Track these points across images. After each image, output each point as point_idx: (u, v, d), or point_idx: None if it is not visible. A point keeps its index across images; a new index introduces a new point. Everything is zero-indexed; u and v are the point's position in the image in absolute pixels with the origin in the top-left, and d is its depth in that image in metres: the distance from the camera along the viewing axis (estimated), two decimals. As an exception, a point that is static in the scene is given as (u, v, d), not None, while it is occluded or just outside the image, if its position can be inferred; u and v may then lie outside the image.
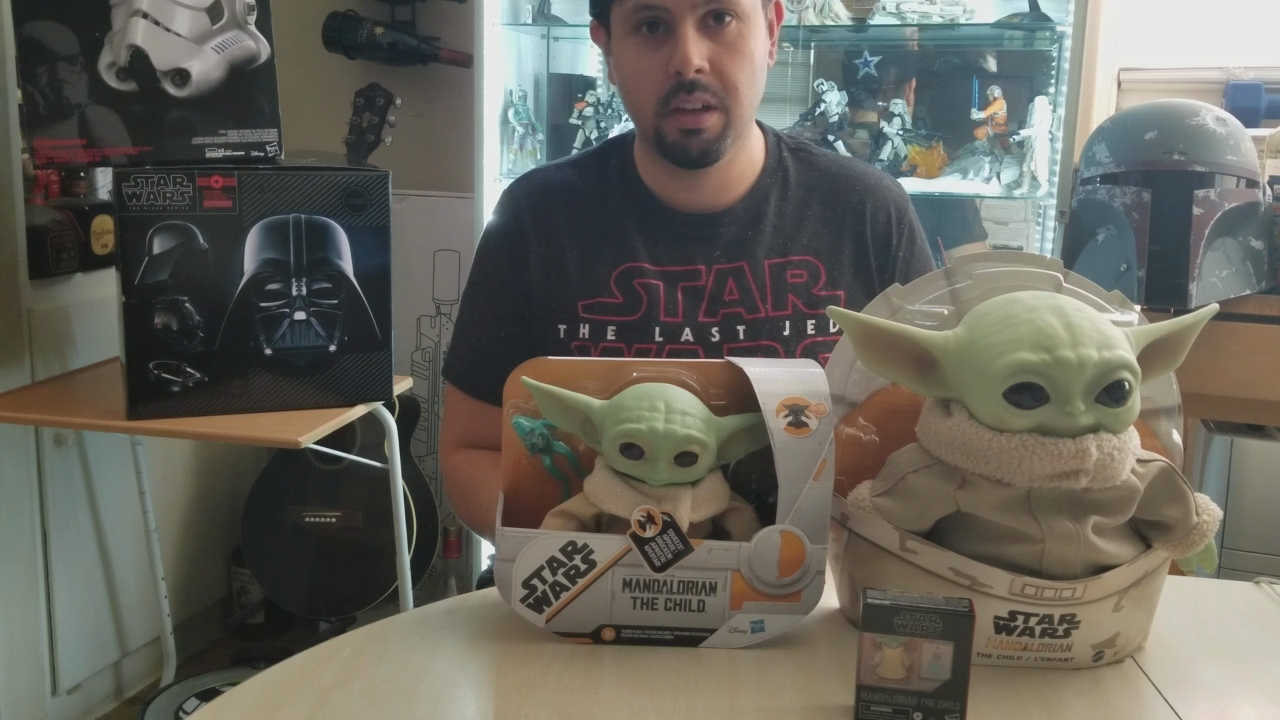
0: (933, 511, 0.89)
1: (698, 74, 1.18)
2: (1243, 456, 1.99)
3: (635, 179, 1.32)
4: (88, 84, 1.69)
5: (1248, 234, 1.87)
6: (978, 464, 0.84)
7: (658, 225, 1.30)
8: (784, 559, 0.89)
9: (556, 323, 1.28)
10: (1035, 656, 0.89)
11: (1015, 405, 0.82)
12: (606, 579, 0.90)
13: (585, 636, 0.92)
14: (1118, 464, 0.83)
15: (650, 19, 1.19)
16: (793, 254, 1.29)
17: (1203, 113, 1.87)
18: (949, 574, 0.87)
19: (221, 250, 1.73)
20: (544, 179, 1.36)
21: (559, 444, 0.96)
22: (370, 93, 2.43)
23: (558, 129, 2.67)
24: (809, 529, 0.88)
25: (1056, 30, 2.21)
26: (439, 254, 2.80)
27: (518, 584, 0.90)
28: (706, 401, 0.92)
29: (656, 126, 1.23)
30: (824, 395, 0.89)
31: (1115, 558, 0.87)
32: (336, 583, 2.53)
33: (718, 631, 0.91)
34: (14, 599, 2.15)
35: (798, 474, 0.87)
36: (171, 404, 1.76)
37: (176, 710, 2.30)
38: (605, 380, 0.94)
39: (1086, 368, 0.81)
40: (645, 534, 0.88)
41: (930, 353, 0.87)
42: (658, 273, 1.28)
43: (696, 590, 0.90)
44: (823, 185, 1.32)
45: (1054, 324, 0.82)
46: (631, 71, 1.23)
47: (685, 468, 0.89)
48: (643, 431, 0.87)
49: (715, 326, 1.26)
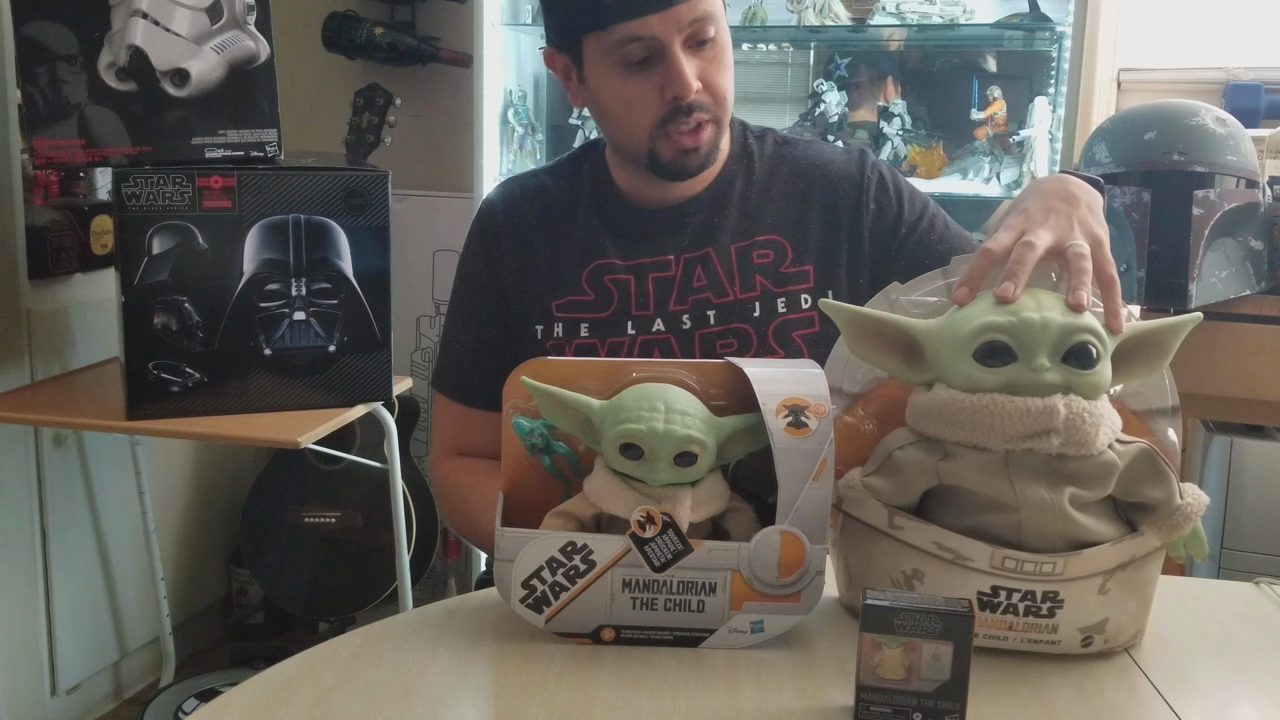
0: (917, 485, 0.91)
1: (691, 97, 1.18)
2: (1243, 456, 1.99)
3: (607, 181, 1.33)
4: (87, 84, 1.69)
5: (1247, 234, 1.87)
6: (954, 429, 0.88)
7: (627, 224, 1.30)
8: (784, 559, 0.89)
9: (533, 324, 1.29)
10: (1021, 638, 0.90)
11: (984, 365, 0.87)
12: (606, 579, 0.90)
13: (585, 637, 0.91)
14: (1090, 428, 0.85)
15: (637, 51, 1.16)
16: (757, 235, 1.29)
17: (1203, 113, 1.87)
18: (933, 548, 0.89)
19: (221, 250, 1.73)
20: (519, 185, 1.37)
21: (559, 444, 0.95)
22: (370, 93, 2.43)
23: (557, 129, 2.67)
24: (809, 529, 0.88)
25: (1056, 30, 2.21)
26: (438, 254, 2.80)
27: (517, 584, 0.90)
28: (706, 402, 0.92)
29: (650, 148, 1.22)
30: (824, 396, 0.89)
31: (1095, 534, 0.88)
32: (336, 583, 2.53)
33: (717, 632, 0.91)
34: (13, 599, 2.14)
35: (798, 474, 0.87)
36: (171, 404, 1.76)
37: (176, 710, 2.30)
38: (605, 380, 0.94)
39: (1050, 327, 0.86)
40: (645, 534, 0.88)
41: (915, 339, 0.91)
42: (627, 267, 1.28)
43: (696, 591, 0.90)
44: (786, 165, 1.32)
45: (1025, 299, 0.88)
46: (619, 101, 1.20)
47: (685, 468, 0.89)
48: (642, 432, 0.87)
49: (686, 314, 1.27)
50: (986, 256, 0.94)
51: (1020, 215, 0.98)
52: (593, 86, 1.22)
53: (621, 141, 1.26)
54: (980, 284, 0.93)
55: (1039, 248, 0.92)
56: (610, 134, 1.27)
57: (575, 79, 1.25)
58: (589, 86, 1.23)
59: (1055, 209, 0.98)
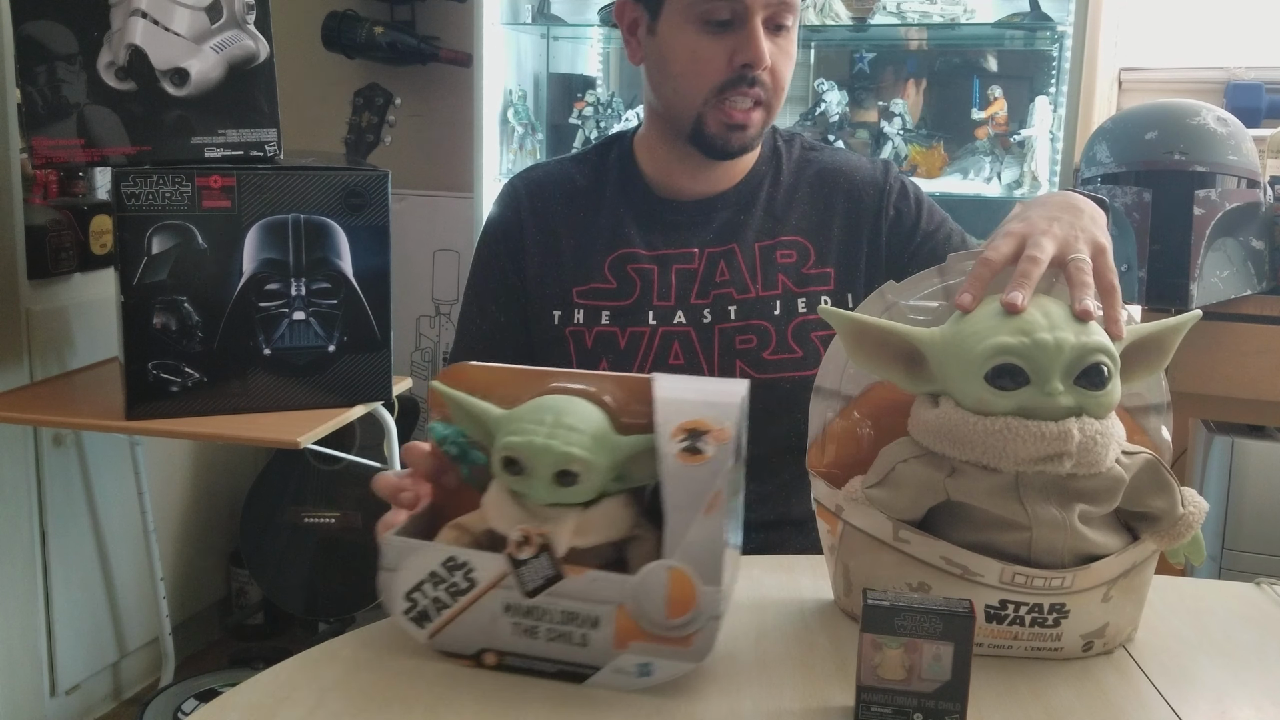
0: (923, 500, 0.89)
1: (761, 70, 1.21)
2: (1243, 456, 1.99)
3: (634, 171, 1.34)
4: (86, 83, 1.69)
5: (1248, 234, 1.87)
6: (964, 450, 0.86)
7: (652, 214, 1.32)
8: (672, 598, 0.80)
9: (551, 309, 1.30)
10: (1025, 646, 0.90)
11: (996, 388, 0.84)
12: (488, 600, 0.83)
13: (468, 658, 0.86)
14: (1101, 448, 0.84)
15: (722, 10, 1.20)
16: (781, 235, 1.31)
17: (1203, 113, 1.88)
18: (941, 563, 0.88)
19: (220, 250, 1.73)
20: (544, 172, 1.39)
21: (476, 453, 0.89)
22: (369, 92, 2.43)
23: (557, 129, 2.67)
24: (700, 568, 0.79)
25: (1057, 30, 2.21)
26: (438, 254, 2.80)
27: (400, 596, 0.86)
28: (622, 417, 0.84)
29: (700, 114, 1.24)
30: (732, 420, 0.80)
31: (1103, 547, 0.88)
32: (335, 583, 2.53)
33: (602, 670, 0.82)
34: (13, 599, 2.14)
35: (687, 504, 0.78)
36: (170, 404, 1.76)
37: (175, 711, 2.30)
38: (522, 389, 0.88)
39: (1064, 349, 0.83)
40: (520, 555, 0.82)
41: (918, 349, 0.89)
42: (651, 257, 1.30)
43: (579, 622, 0.82)
44: (812, 170, 1.35)
45: (1033, 312, 0.85)
46: (688, 57, 1.23)
47: (566, 487, 0.82)
48: (520, 444, 0.81)
49: (707, 308, 1.28)
50: (987, 266, 0.92)
51: (1022, 223, 0.97)
52: (663, 38, 1.24)
53: (674, 102, 1.27)
54: (983, 292, 0.91)
55: (1043, 260, 0.91)
56: (665, 94, 1.28)
57: (643, 31, 1.27)
58: (658, 38, 1.25)
59: (1058, 218, 0.97)
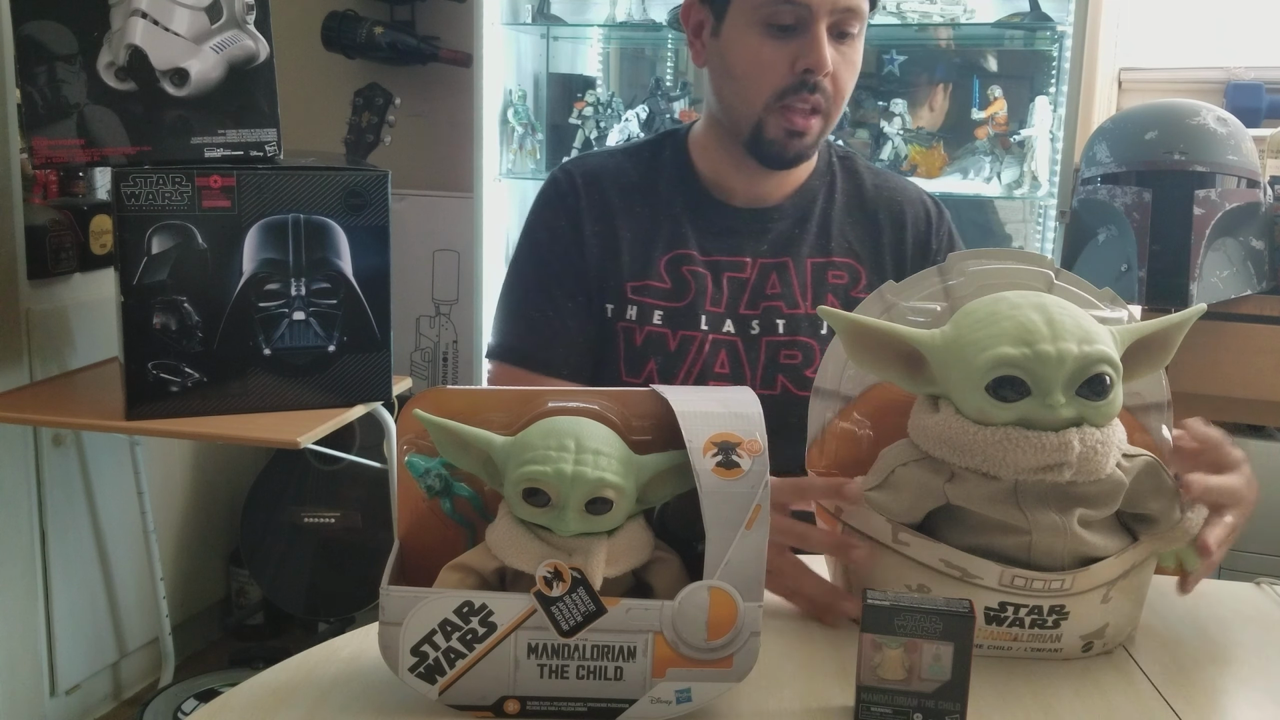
0: (923, 504, 0.89)
1: (822, 76, 1.21)
2: (1243, 457, 1.98)
3: (689, 170, 1.34)
4: (86, 84, 1.69)
5: (1248, 234, 1.87)
6: (964, 457, 0.86)
7: (708, 216, 1.32)
8: (713, 620, 0.77)
9: (605, 302, 1.30)
10: (1025, 647, 0.90)
11: (997, 399, 0.83)
12: (509, 643, 0.78)
13: (485, 710, 0.80)
14: (1101, 457, 0.84)
15: (787, 14, 1.19)
16: (835, 255, 1.31)
17: (1203, 113, 1.88)
18: (940, 565, 0.88)
19: (220, 250, 1.73)
20: (597, 162, 1.38)
21: (460, 485, 0.85)
22: (369, 92, 2.43)
23: (557, 129, 2.67)
24: (742, 585, 0.76)
25: (1057, 30, 2.21)
26: (438, 254, 2.80)
27: (406, 651, 0.78)
28: (628, 435, 0.81)
29: (760, 119, 1.24)
30: (758, 430, 0.78)
31: (1102, 550, 0.88)
32: (335, 583, 2.53)
33: (638, 702, 0.79)
34: (12, 599, 2.14)
35: (727, 521, 0.76)
36: (170, 404, 1.76)
37: (175, 711, 2.30)
38: (513, 412, 0.83)
39: (1066, 361, 0.82)
40: (552, 593, 0.77)
41: (918, 351, 0.88)
42: (705, 262, 1.30)
43: (613, 656, 0.78)
44: (866, 193, 1.36)
45: (1036, 320, 0.84)
46: (750, 60, 1.22)
47: (598, 516, 0.78)
48: (548, 474, 0.76)
49: (755, 319, 1.28)
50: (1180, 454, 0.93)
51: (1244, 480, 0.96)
52: (727, 41, 1.24)
53: (735, 105, 1.26)
54: None
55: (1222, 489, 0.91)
56: (725, 96, 1.28)
57: (707, 33, 1.27)
58: (722, 41, 1.25)
59: None
